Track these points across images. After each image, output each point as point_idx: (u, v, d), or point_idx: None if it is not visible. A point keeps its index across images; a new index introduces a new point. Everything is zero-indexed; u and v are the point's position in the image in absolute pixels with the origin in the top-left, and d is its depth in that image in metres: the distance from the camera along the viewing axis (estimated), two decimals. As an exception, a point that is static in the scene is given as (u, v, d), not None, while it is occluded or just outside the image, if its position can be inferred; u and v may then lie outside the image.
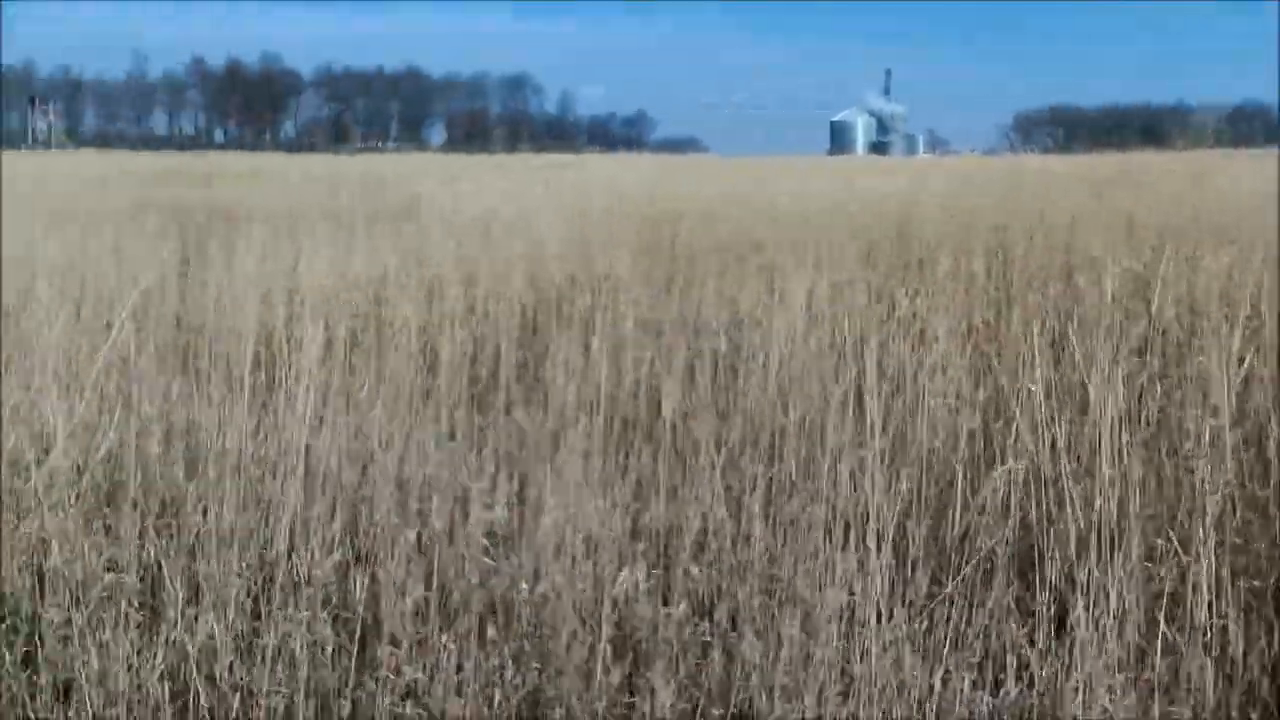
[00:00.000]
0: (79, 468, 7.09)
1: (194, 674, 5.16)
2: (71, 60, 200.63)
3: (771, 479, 6.88)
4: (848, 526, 6.10)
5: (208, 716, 4.89)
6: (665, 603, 5.88)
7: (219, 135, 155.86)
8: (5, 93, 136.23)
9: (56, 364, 8.68)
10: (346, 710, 4.98)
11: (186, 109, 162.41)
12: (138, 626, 5.41)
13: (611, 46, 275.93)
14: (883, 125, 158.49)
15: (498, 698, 4.92)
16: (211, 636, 5.28)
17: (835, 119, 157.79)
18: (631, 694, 5.28)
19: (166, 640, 5.19)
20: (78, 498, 6.70)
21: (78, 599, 5.53)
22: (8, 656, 5.26)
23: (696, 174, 38.70)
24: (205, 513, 6.39)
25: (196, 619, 5.43)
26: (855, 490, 6.27)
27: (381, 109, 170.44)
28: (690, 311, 10.38)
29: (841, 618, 5.43)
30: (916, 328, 8.85)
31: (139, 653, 5.19)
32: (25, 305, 10.95)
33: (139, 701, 4.90)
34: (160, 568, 6.02)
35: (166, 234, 16.10)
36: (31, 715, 5.01)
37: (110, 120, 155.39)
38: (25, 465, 7.00)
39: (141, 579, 5.77)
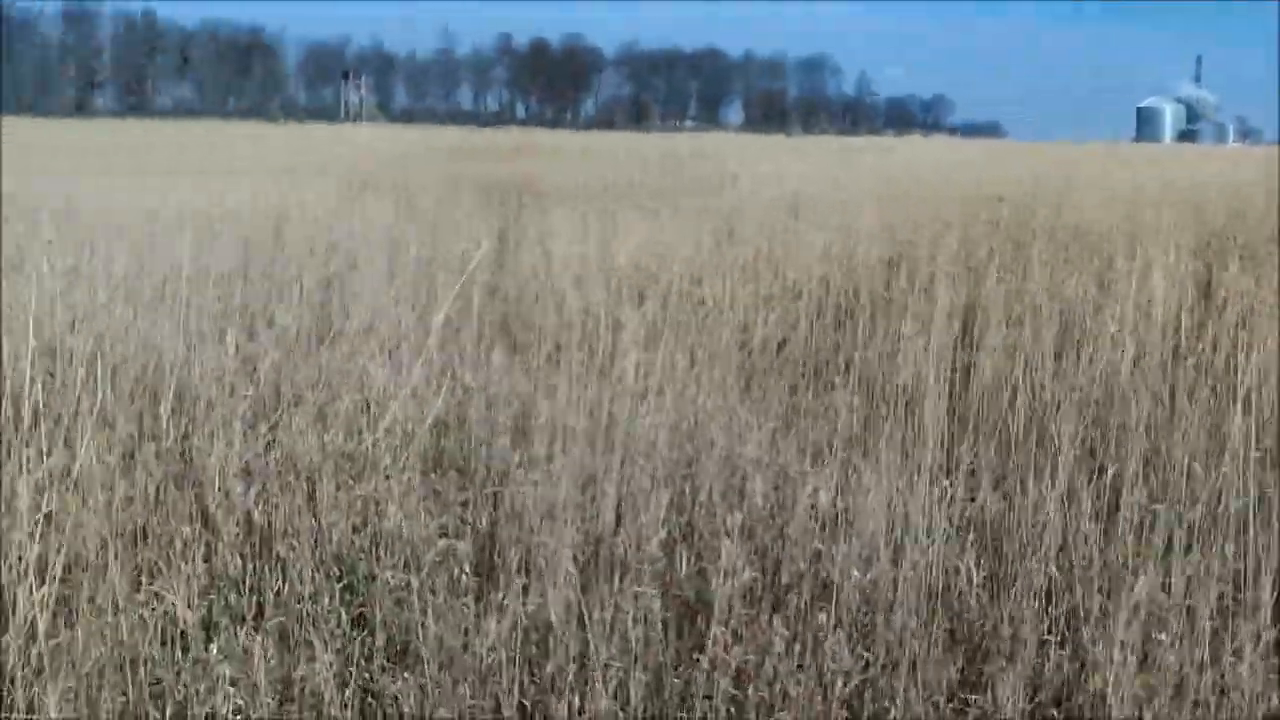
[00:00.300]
0: (406, 433, 7.21)
1: (525, 643, 5.17)
2: (385, 36, 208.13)
3: (1115, 474, 6.56)
4: (1194, 528, 5.79)
5: (543, 684, 4.88)
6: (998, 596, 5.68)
7: (521, 112, 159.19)
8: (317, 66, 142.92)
9: (384, 331, 8.89)
10: (679, 688, 4.91)
11: (491, 86, 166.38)
12: (470, 593, 5.45)
13: (911, 29, 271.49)
14: (1192, 113, 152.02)
15: (839, 686, 4.78)
16: (543, 606, 5.27)
17: (1142, 105, 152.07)
18: (963, 689, 5.09)
19: (500, 607, 5.19)
20: (408, 463, 6.82)
21: (413, 562, 5.59)
22: (344, 616, 5.34)
23: (999, 158, 37.75)
24: (535, 483, 6.41)
25: (527, 588, 5.42)
26: (1209, 490, 5.94)
27: (680, 88, 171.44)
28: (1015, 295, 10.05)
29: (1192, 624, 5.13)
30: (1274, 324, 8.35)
31: (474, 618, 5.22)
32: (351, 272, 11.27)
33: (474, 668, 4.91)
34: (492, 536, 6.08)
35: (481, 207, 16.41)
36: (367, 676, 5.08)
37: (418, 96, 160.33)
38: (358, 429, 7.17)
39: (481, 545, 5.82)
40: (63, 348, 7.39)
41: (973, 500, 6.60)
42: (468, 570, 5.56)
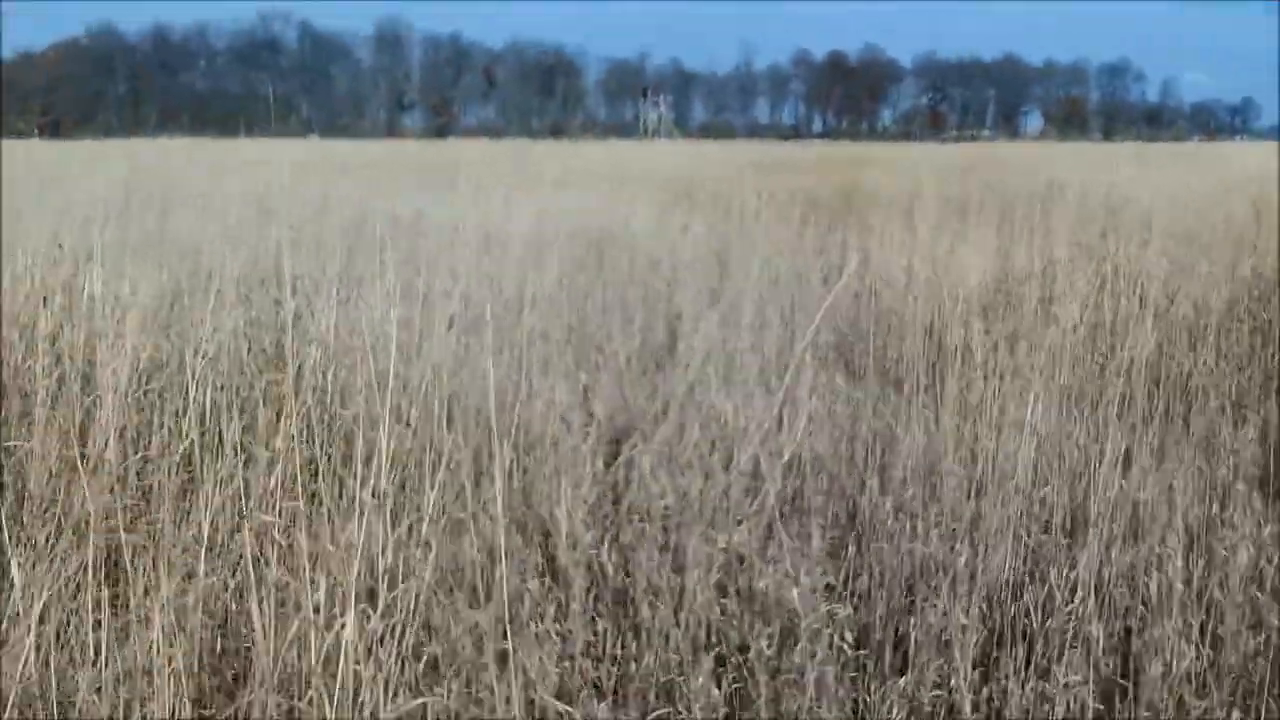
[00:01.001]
0: (760, 474, 6.56)
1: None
2: (683, 52, 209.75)
3: None
4: None
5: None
6: None
7: (817, 125, 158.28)
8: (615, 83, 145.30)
9: (728, 359, 8.30)
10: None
11: (788, 100, 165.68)
12: (854, 665, 4.78)
13: (1218, 31, 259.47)
14: None
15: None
16: (941, 685, 4.56)
17: None
18: None
19: (900, 690, 4.50)
20: (767, 509, 6.16)
21: (790, 630, 4.93)
22: (714, 692, 4.71)
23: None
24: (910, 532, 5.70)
25: (926, 664, 4.71)
26: None
27: (977, 97, 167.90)
28: None
29: None
30: None
31: (860, 700, 4.55)
32: (683, 292, 10.75)
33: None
34: (865, 597, 5.40)
35: (806, 223, 15.75)
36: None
37: (715, 111, 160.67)
38: (709, 470, 6.55)
39: (856, 608, 5.13)
40: (398, 378, 6.98)
41: None
42: (849, 640, 4.88)
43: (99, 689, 4.58)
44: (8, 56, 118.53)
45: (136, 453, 6.02)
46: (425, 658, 4.70)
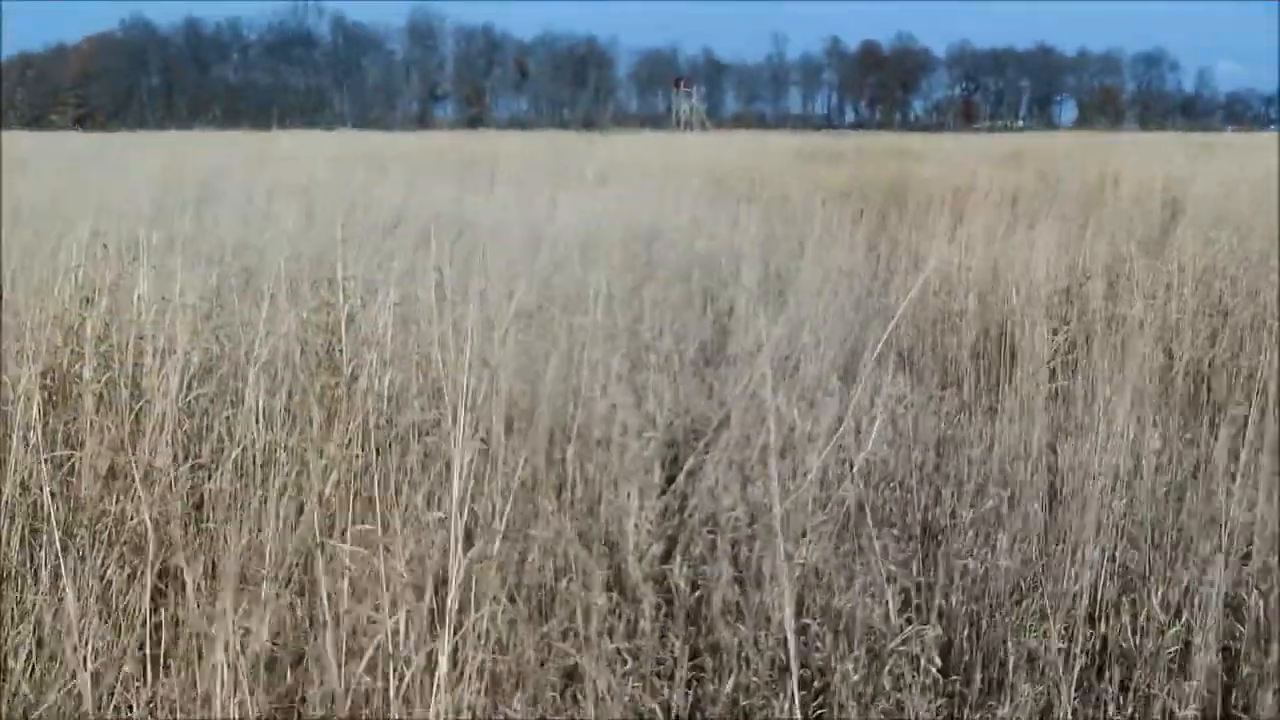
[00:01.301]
0: (829, 483, 6.31)
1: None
2: (715, 42, 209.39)
3: None
4: None
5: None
6: None
7: (849, 115, 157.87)
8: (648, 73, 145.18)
9: (790, 362, 8.06)
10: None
11: (821, 89, 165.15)
12: (940, 691, 4.53)
13: (1250, 27, 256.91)
14: None
15: None
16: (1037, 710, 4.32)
17: None
18: None
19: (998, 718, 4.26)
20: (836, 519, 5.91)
21: (874, 651, 4.69)
22: (799, 718, 4.47)
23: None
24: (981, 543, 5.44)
25: (1006, 686, 4.47)
26: None
27: (1011, 86, 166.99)
28: None
29: None
30: None
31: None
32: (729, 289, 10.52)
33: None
34: (946, 615, 5.13)
35: (862, 216, 15.49)
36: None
37: (748, 101, 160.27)
38: (779, 479, 6.28)
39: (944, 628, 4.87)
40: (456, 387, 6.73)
41: None
42: (936, 663, 4.63)
43: (153, 709, 4.41)
44: (41, 49, 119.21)
45: (188, 459, 5.82)
46: (494, 677, 4.49)
